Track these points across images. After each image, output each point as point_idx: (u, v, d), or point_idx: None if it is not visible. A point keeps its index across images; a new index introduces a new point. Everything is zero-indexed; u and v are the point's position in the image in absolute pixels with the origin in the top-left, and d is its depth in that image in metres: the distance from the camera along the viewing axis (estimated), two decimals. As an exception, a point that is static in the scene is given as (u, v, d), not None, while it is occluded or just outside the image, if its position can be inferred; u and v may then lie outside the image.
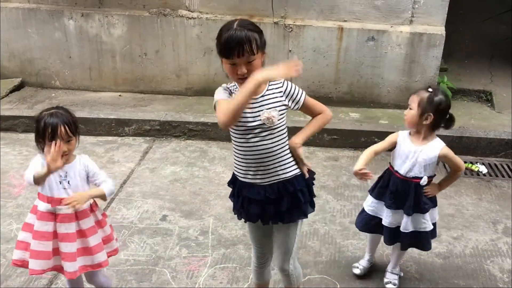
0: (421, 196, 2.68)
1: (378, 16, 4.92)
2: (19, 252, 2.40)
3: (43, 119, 2.27)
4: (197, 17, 5.07)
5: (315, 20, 4.99)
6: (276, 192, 2.20)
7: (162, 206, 3.65)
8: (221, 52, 2.02)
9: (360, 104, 5.17)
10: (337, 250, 3.22)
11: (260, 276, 2.58)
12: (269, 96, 2.12)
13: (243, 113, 2.06)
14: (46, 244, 2.33)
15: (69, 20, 5.21)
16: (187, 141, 4.70)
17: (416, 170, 2.63)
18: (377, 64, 5.01)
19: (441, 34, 4.84)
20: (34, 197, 3.65)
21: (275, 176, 2.19)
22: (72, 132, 2.29)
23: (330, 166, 4.28)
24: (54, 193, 2.32)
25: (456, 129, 4.70)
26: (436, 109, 2.53)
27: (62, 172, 2.32)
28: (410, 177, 2.64)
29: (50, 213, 2.33)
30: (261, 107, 2.10)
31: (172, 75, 5.33)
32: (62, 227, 2.33)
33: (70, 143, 2.29)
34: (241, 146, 2.16)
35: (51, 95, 5.44)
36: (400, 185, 2.67)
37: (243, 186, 2.25)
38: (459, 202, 3.80)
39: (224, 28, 2.03)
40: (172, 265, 3.05)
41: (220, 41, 2.01)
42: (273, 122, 2.10)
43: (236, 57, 1.98)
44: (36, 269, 2.35)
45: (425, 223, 2.71)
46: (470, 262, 3.14)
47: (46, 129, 2.23)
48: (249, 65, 2.01)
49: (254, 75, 1.92)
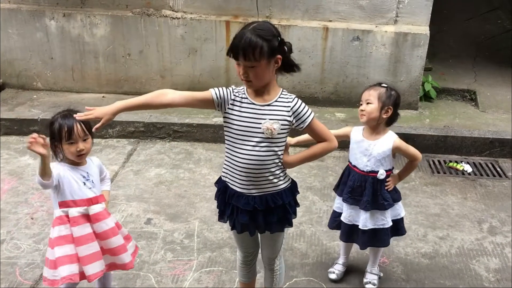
0: (380, 191, 2.67)
1: (363, 16, 4.92)
2: (67, 267, 2.26)
3: (57, 121, 2.27)
4: (181, 17, 5.02)
5: (300, 20, 4.97)
6: (264, 204, 2.17)
7: (146, 209, 3.60)
8: (230, 51, 2.00)
9: (345, 104, 5.16)
10: (323, 252, 3.20)
11: (246, 273, 2.57)
12: (275, 107, 2.08)
13: (245, 117, 2.06)
14: (94, 245, 2.32)
15: (51, 20, 5.12)
16: (172, 142, 4.65)
17: (373, 165, 2.65)
18: (362, 64, 5.01)
19: (426, 34, 4.86)
20: (15, 201, 3.64)
21: (265, 189, 2.17)
22: (88, 130, 2.28)
23: (316, 167, 4.26)
24: (82, 195, 2.30)
25: (441, 128, 4.73)
26: (394, 103, 2.61)
27: (84, 173, 2.33)
28: (367, 171, 2.66)
29: (83, 216, 2.30)
30: (264, 116, 2.07)
31: (157, 76, 5.27)
32: (102, 225, 2.33)
33: (87, 142, 2.30)
34: (236, 151, 2.12)
35: (33, 97, 5.33)
36: (357, 180, 2.69)
37: (232, 194, 2.21)
38: (444, 202, 3.81)
39: (242, 27, 2.02)
40: (157, 270, 3.00)
41: (232, 41, 2.00)
42: (272, 134, 2.07)
43: (242, 59, 1.97)
44: (95, 272, 2.32)
45: (383, 220, 2.72)
46: (456, 262, 3.15)
47: (62, 130, 2.23)
48: (250, 70, 1.99)
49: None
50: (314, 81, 5.11)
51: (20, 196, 3.71)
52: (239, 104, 2.10)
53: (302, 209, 3.61)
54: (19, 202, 3.63)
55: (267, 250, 2.42)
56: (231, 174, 2.19)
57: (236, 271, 2.84)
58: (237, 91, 2.13)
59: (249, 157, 2.10)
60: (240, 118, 2.09)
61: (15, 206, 3.59)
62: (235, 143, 2.12)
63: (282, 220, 2.26)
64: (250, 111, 2.08)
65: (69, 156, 2.30)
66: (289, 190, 2.25)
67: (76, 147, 2.25)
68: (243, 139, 2.10)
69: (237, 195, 2.19)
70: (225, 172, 2.24)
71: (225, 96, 2.11)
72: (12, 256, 3.06)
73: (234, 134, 2.12)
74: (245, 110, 2.09)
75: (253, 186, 2.16)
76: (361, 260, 3.09)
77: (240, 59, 1.98)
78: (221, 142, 4.62)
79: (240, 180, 2.16)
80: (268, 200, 2.18)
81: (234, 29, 4.97)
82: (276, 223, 2.25)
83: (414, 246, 3.27)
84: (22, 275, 2.91)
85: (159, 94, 2.08)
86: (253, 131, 2.08)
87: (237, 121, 2.10)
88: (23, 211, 3.53)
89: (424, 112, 5.15)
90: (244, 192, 2.17)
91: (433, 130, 4.65)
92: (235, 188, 2.19)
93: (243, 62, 1.98)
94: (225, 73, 5.18)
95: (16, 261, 3.02)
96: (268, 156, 2.11)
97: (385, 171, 2.66)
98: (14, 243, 3.19)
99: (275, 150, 2.12)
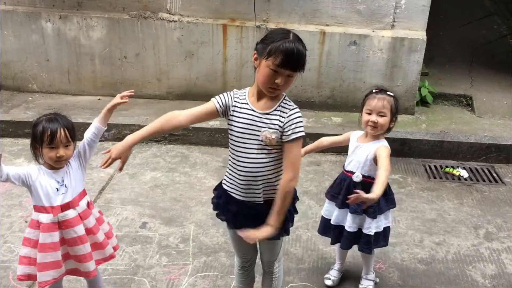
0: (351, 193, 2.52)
1: (360, 20, 4.92)
2: (22, 267, 2.33)
3: (41, 123, 2.22)
4: (178, 20, 5.00)
5: (297, 24, 4.96)
6: (267, 210, 2.13)
7: (141, 213, 3.58)
8: (270, 56, 1.92)
9: (342, 108, 5.16)
10: (319, 257, 3.18)
11: (243, 280, 2.54)
12: (274, 117, 2.04)
13: (245, 124, 2.05)
14: (54, 254, 2.28)
15: (47, 22, 5.10)
16: (168, 145, 4.63)
17: (353, 165, 2.62)
18: (359, 69, 5.01)
19: (422, 39, 4.87)
20: (9, 204, 3.60)
21: (266, 195, 2.15)
22: (72, 137, 2.25)
23: (312, 171, 4.25)
24: (53, 202, 2.26)
25: (437, 133, 4.73)
26: (397, 112, 2.61)
27: (59, 178, 2.27)
28: (347, 170, 2.65)
29: (53, 223, 2.27)
30: (263, 125, 2.05)
31: (153, 79, 5.25)
32: (70, 232, 2.29)
33: (68, 148, 2.24)
34: (237, 158, 2.10)
35: (28, 99, 5.30)
36: (339, 177, 2.71)
37: (233, 202, 2.18)
38: (440, 207, 3.80)
39: (278, 33, 1.97)
40: (152, 274, 2.97)
41: (274, 46, 1.92)
42: (271, 143, 2.05)
43: (289, 69, 1.94)
44: (46, 280, 2.29)
45: (367, 224, 2.64)
46: (452, 267, 3.14)
47: (44, 133, 2.18)
48: (287, 79, 1.97)
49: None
50: (311, 85, 5.10)
51: (14, 199, 3.68)
52: (239, 110, 2.09)
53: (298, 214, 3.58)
54: (13, 205, 3.60)
55: (267, 253, 2.41)
56: (233, 181, 2.16)
57: (232, 276, 2.82)
58: (238, 95, 2.11)
59: (250, 164, 2.08)
60: (240, 125, 2.08)
61: (9, 209, 3.55)
62: (236, 150, 2.10)
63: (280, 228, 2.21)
64: (250, 118, 2.06)
65: (47, 160, 2.25)
66: None
67: (56, 153, 2.20)
68: (244, 146, 2.08)
69: (243, 204, 2.16)
70: (226, 180, 2.21)
71: (227, 102, 2.10)
72: (5, 260, 3.02)
73: (235, 141, 2.10)
74: (245, 117, 2.07)
75: (257, 193, 2.13)
76: (357, 266, 3.08)
77: (288, 69, 1.93)
78: (217, 146, 4.61)
79: (243, 187, 2.13)
80: (267, 207, 2.14)
81: (231, 32, 4.97)
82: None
83: (410, 252, 3.26)
84: (15, 279, 2.87)
85: (167, 120, 2.11)
86: (253, 139, 2.06)
87: (238, 127, 2.08)
88: (17, 214, 3.50)
89: (421, 117, 5.15)
90: (250, 200, 2.15)
91: (429, 135, 4.65)
92: (236, 196, 2.17)
93: (287, 72, 1.94)
94: (222, 76, 5.17)
95: (10, 265, 2.98)
96: (269, 162, 2.09)
97: (363, 175, 2.57)
98: (8, 246, 3.15)
99: (275, 156, 2.10)
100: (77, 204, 2.31)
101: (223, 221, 2.32)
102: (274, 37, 1.96)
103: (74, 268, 2.38)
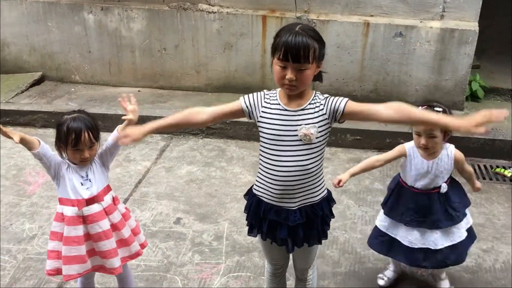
0: (449, 203, 2.52)
1: (407, 10, 4.67)
2: (51, 262, 2.36)
3: (66, 123, 2.21)
4: (217, 11, 4.92)
5: (340, 15, 4.77)
6: (305, 216, 2.05)
7: (176, 208, 3.55)
8: (275, 52, 1.88)
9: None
10: (357, 261, 3.05)
11: (275, 285, 2.45)
12: (310, 110, 1.95)
13: (278, 125, 1.94)
14: (79, 248, 2.29)
15: (89, 14, 5.14)
16: (205, 139, 4.58)
17: (435, 182, 2.51)
18: (404, 61, 4.77)
19: (474, 30, 4.57)
20: (49, 196, 3.65)
21: (303, 200, 2.04)
22: (95, 137, 2.24)
23: (352, 169, 4.09)
24: (79, 195, 2.27)
25: (488, 130, 4.45)
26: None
27: (83, 173, 2.28)
28: (430, 189, 2.51)
29: (78, 217, 2.27)
30: (299, 121, 1.94)
31: (192, 71, 5.21)
32: (95, 226, 2.29)
33: (92, 149, 2.25)
34: (272, 160, 1.99)
35: (71, 90, 5.39)
36: (421, 200, 2.52)
37: (269, 209, 2.07)
38: (490, 211, 3.57)
39: (285, 28, 1.91)
40: (184, 272, 2.94)
41: (278, 41, 1.87)
42: (311, 139, 1.93)
43: (291, 61, 1.84)
44: (70, 274, 2.31)
45: (459, 232, 2.56)
46: (500, 277, 2.93)
47: (69, 135, 2.18)
48: (299, 73, 1.86)
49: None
50: (353, 79, 4.91)
51: (54, 190, 3.68)
52: (271, 110, 1.98)
53: (335, 214, 3.44)
54: (52, 197, 3.65)
55: (301, 261, 2.32)
56: (267, 187, 2.05)
57: (264, 277, 2.74)
58: (269, 96, 2.01)
59: (288, 168, 1.97)
60: (274, 126, 1.96)
61: (48, 201, 3.61)
62: (271, 153, 1.99)
63: (320, 232, 2.15)
64: (284, 118, 1.95)
65: (72, 160, 2.28)
66: (326, 200, 2.13)
67: (80, 155, 2.21)
68: (279, 149, 1.97)
69: (275, 209, 2.06)
70: (258, 186, 2.10)
71: (255, 103, 2.00)
72: (42, 252, 3.07)
73: (268, 144, 1.99)
74: (278, 117, 1.96)
75: (292, 199, 2.03)
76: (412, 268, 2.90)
77: (292, 61, 1.84)
78: (254, 140, 4.51)
79: (278, 192, 2.02)
80: (308, 212, 2.05)
81: (271, 24, 4.84)
82: (315, 236, 2.14)
83: (455, 259, 3.08)
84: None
85: (189, 115, 2.03)
86: (289, 139, 1.95)
87: (271, 129, 1.97)
88: (55, 205, 3.51)
89: (470, 113, 4.85)
90: (283, 205, 2.04)
91: (479, 133, 4.37)
92: (272, 202, 2.06)
93: (294, 65, 1.85)
94: (261, 68, 5.06)
95: (46, 257, 3.01)
96: (309, 164, 1.98)
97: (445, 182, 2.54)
98: (45, 238, 3.19)
99: (316, 156, 1.99)
100: (102, 199, 2.31)
101: (253, 235, 2.22)
102: (280, 33, 1.88)
103: (100, 265, 2.37)
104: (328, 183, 2.24)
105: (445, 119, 1.86)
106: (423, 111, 1.89)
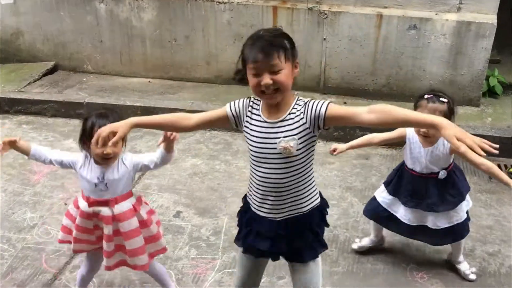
0: (447, 190, 2.59)
1: (422, 2, 4.52)
2: (63, 235, 2.47)
3: (91, 118, 2.22)
4: (228, 1, 4.85)
5: (352, 7, 4.65)
6: (289, 228, 1.96)
7: (177, 201, 3.53)
8: (246, 62, 1.79)
9: (398, 98, 4.80)
10: (356, 261, 2.98)
11: None
12: (289, 121, 1.84)
13: (259, 137, 1.86)
14: (89, 236, 2.39)
15: (100, 3, 5.14)
16: (212, 132, 4.54)
17: (430, 168, 2.58)
18: (418, 55, 4.63)
19: (492, 23, 4.39)
20: (52, 185, 3.67)
21: (290, 211, 1.95)
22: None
23: (359, 165, 3.99)
24: (91, 195, 2.30)
25: (504, 129, 4.29)
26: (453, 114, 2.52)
27: (100, 175, 2.27)
28: (426, 173, 2.58)
29: (88, 213, 2.32)
30: (278, 134, 1.84)
31: (202, 62, 5.16)
32: (102, 224, 2.33)
33: (117, 146, 2.20)
34: (257, 173, 1.92)
35: (83, 80, 5.42)
36: (417, 183, 2.61)
37: (254, 218, 2.01)
38: (499, 213, 3.43)
39: (250, 36, 1.84)
40: (179, 267, 2.92)
41: (245, 49, 1.80)
42: (291, 152, 1.83)
43: (261, 64, 1.74)
44: (77, 249, 2.44)
45: (457, 215, 2.64)
46: (505, 283, 2.82)
47: (93, 129, 2.17)
48: (275, 76, 1.76)
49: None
50: (365, 72, 4.79)
51: (58, 180, 3.76)
52: (252, 121, 1.90)
53: (338, 211, 3.39)
54: (56, 186, 3.68)
55: (300, 282, 2.06)
56: (253, 195, 1.99)
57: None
58: (252, 105, 1.92)
59: (268, 180, 1.89)
60: (255, 139, 1.89)
61: (51, 190, 3.63)
62: (254, 165, 1.92)
63: (313, 244, 2.02)
64: (264, 130, 1.87)
65: (94, 156, 2.27)
66: (317, 209, 2.01)
67: (102, 150, 2.17)
68: (261, 161, 1.89)
69: (258, 218, 1.98)
70: (248, 192, 2.04)
71: (240, 112, 1.93)
72: (41, 242, 3.09)
73: (252, 156, 1.92)
74: (259, 130, 1.88)
75: (275, 210, 1.95)
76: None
77: (262, 64, 1.74)
78: (262, 134, 4.46)
79: (261, 203, 1.95)
80: (293, 224, 1.96)
81: (282, 15, 4.75)
82: (308, 249, 2.00)
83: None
84: (47, 262, 2.93)
85: (176, 120, 1.99)
86: (269, 152, 1.86)
87: (253, 141, 1.90)
88: (58, 195, 3.57)
89: (487, 110, 4.70)
90: (268, 216, 1.96)
91: (494, 131, 4.22)
92: (256, 212, 1.99)
93: (267, 66, 1.74)
94: (271, 61, 4.97)
95: (44, 247, 3.04)
96: (291, 177, 1.89)
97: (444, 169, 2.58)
98: (45, 228, 3.22)
99: (299, 168, 1.89)
100: (113, 205, 2.29)
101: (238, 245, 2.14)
102: (246, 42, 1.82)
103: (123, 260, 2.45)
104: (334, 180, 2.15)
105: (433, 119, 1.70)
106: (408, 111, 1.76)
